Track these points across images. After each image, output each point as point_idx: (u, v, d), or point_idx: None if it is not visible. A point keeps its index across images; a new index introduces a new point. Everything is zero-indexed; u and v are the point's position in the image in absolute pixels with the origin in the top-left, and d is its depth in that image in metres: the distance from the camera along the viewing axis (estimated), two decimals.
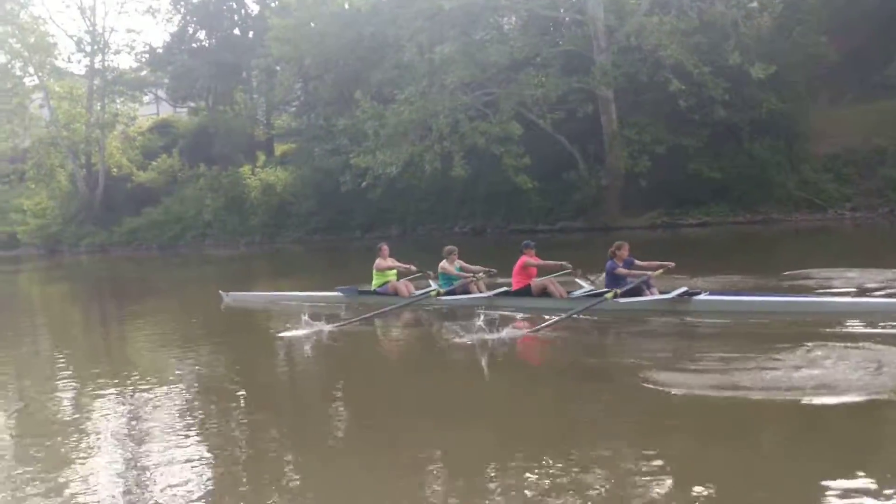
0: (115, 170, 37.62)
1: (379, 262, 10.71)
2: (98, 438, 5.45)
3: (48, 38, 38.03)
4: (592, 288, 9.35)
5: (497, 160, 24.01)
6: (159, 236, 34.34)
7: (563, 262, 9.68)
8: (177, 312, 13.22)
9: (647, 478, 4.05)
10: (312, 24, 28.84)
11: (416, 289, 10.53)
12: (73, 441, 5.37)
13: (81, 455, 5.08)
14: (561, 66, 24.30)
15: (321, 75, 29.08)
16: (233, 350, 9.04)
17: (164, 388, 6.90)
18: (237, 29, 38.83)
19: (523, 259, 9.63)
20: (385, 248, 10.92)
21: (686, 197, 23.49)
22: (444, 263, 10.26)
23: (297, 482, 4.44)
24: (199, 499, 4.17)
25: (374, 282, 10.75)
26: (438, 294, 10.07)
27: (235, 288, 13.08)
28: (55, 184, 38.06)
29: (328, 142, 28.51)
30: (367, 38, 25.87)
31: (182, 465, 4.68)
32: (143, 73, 39.53)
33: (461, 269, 10.29)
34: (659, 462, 4.25)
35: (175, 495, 4.20)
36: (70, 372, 8.28)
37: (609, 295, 8.63)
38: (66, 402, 6.84)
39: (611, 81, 23.70)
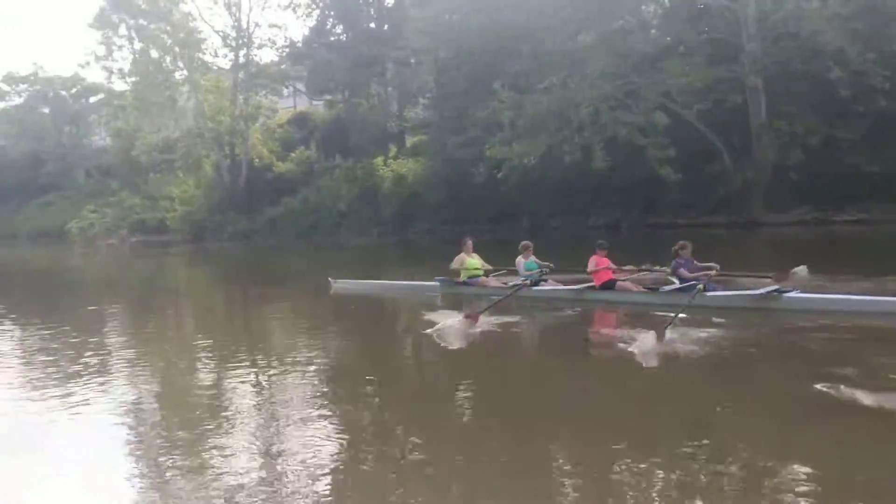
0: (256, 160, 39.64)
1: (461, 256, 11.27)
2: (237, 415, 5.68)
3: (196, 33, 40.60)
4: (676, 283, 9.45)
5: (636, 151, 23.51)
6: (297, 225, 35.85)
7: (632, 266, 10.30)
8: (310, 297, 13.73)
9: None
10: (450, 16, 29.22)
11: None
12: (214, 417, 5.64)
13: (222, 432, 5.28)
14: (707, 54, 23.47)
15: (458, 66, 29.27)
16: (358, 335, 9.39)
17: (296, 370, 7.18)
18: (373, 22, 39.92)
19: (595, 259, 10.07)
20: (469, 242, 11.43)
21: (840, 192, 22.08)
22: (519, 259, 10.91)
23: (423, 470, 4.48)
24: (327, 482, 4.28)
25: (462, 274, 11.29)
26: (532, 284, 10.47)
27: (366, 275, 13.78)
28: (201, 173, 40.58)
29: (460, 133, 28.79)
30: (505, 29, 25.84)
31: (316, 448, 4.81)
32: (284, 66, 41.34)
33: (539, 266, 10.81)
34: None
35: (310, 475, 4.35)
36: (212, 353, 8.58)
37: (700, 286, 8.86)
38: (205, 381, 7.18)
39: (761, 70, 22.66)
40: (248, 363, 7.71)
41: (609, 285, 9.93)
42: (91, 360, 8.10)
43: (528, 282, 10.52)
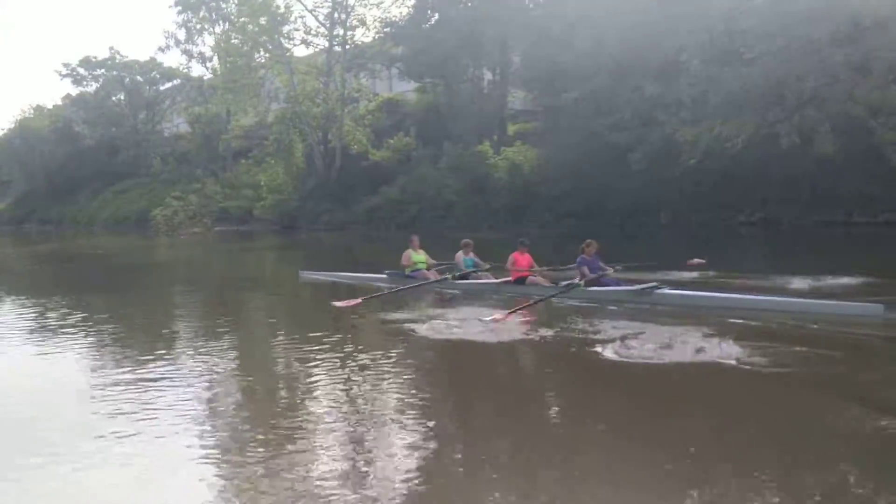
0: (354, 146, 37.70)
1: (408, 252, 12.43)
2: (322, 412, 5.55)
3: (292, 14, 38.86)
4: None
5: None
6: (397, 216, 33.84)
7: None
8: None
9: None
10: None
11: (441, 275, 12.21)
12: (295, 414, 5.55)
13: (303, 430, 5.14)
14: None
15: (602, 38, 26.34)
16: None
17: (382, 365, 7.03)
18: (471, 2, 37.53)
19: (514, 256, 11.40)
20: (416, 239, 12.70)
21: None
22: (459, 254, 12.11)
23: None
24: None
25: (406, 269, 12.41)
26: (454, 278, 11.70)
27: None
28: (291, 160, 38.80)
29: (603, 116, 26.19)
30: None
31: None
32: (381, 49, 39.30)
33: (474, 262, 12.04)
34: None
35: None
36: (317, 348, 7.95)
37: (580, 284, 10.11)
38: (296, 377, 6.85)
39: None
40: (335, 361, 7.29)
41: (521, 280, 11.13)
42: (211, 357, 7.65)
43: (450, 275, 11.82)
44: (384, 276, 12.63)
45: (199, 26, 52.66)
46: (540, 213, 29.56)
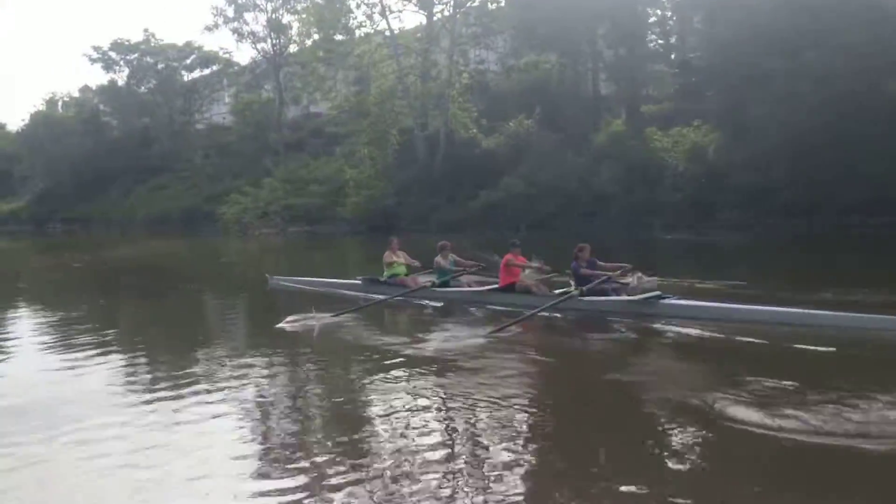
0: (462, 132, 31.55)
1: (387, 254, 11.40)
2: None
3: None
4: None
5: None
6: (526, 214, 27.75)
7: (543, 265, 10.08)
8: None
9: None
10: None
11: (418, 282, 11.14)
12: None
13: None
14: None
15: None
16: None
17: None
18: None
19: (507, 257, 10.25)
20: (395, 241, 11.70)
21: None
22: (437, 258, 11.08)
23: None
24: None
25: (384, 272, 11.39)
26: (434, 286, 10.78)
27: None
28: (388, 149, 32.62)
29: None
30: None
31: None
32: (487, 24, 33.26)
33: (455, 263, 11.11)
34: None
35: None
36: None
37: (576, 292, 9.14)
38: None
39: None
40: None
41: (510, 288, 10.06)
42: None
43: (430, 282, 10.92)
44: (358, 282, 11.93)
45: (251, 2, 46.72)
46: (728, 208, 23.47)
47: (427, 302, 10.65)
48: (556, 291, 9.71)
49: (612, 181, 25.88)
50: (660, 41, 31.38)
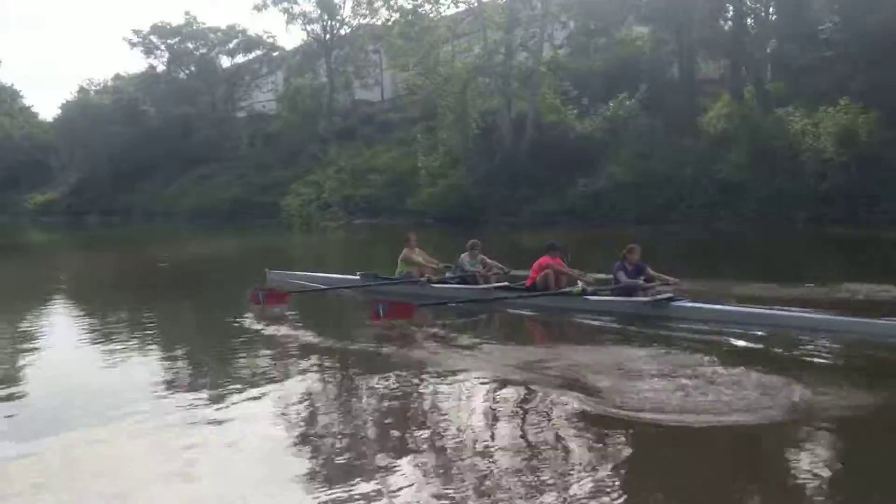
0: (551, 116, 28.53)
1: (406, 252, 10.86)
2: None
3: None
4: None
5: None
6: (634, 204, 24.76)
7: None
8: None
9: None
10: None
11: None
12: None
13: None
14: None
15: None
16: None
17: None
18: None
19: (543, 260, 9.35)
20: (413, 238, 11.08)
21: None
22: (464, 256, 10.49)
23: None
24: None
25: (397, 269, 10.98)
26: (430, 281, 10.39)
27: None
28: (469, 132, 29.61)
29: None
30: None
31: None
32: None
33: (481, 264, 10.42)
34: None
35: None
36: None
37: (576, 291, 8.50)
38: None
39: None
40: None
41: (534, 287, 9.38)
42: None
43: (426, 278, 10.46)
44: (356, 277, 11.34)
45: None
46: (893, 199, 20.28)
47: (421, 302, 9.61)
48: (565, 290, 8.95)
49: (739, 168, 22.76)
50: (772, 12, 28.00)
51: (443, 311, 9.49)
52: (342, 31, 45.64)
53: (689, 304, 8.12)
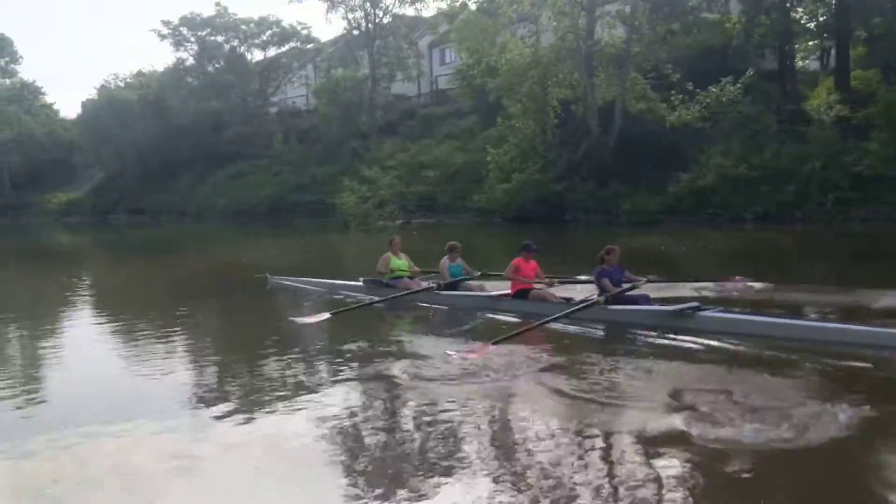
0: (639, 106, 25.67)
1: (386, 256, 10.42)
2: None
3: None
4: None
5: None
6: (749, 201, 21.94)
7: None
8: None
9: None
10: None
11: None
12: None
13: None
14: None
15: None
16: None
17: None
18: None
19: (517, 262, 8.94)
20: (397, 241, 10.68)
21: None
22: (444, 260, 10.05)
23: None
24: None
25: (387, 276, 10.43)
26: (439, 288, 9.77)
27: None
28: (548, 122, 26.79)
29: None
30: None
31: None
32: None
33: (463, 269, 10.04)
34: None
35: None
36: None
37: (600, 299, 8.04)
38: None
39: None
40: None
41: (522, 294, 8.84)
42: None
43: (435, 284, 9.87)
44: (360, 283, 10.78)
45: None
46: None
47: (432, 305, 9.71)
48: (578, 299, 8.49)
49: (885, 160, 19.89)
50: None
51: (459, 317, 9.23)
52: (385, 20, 42.96)
53: (718, 315, 7.54)
